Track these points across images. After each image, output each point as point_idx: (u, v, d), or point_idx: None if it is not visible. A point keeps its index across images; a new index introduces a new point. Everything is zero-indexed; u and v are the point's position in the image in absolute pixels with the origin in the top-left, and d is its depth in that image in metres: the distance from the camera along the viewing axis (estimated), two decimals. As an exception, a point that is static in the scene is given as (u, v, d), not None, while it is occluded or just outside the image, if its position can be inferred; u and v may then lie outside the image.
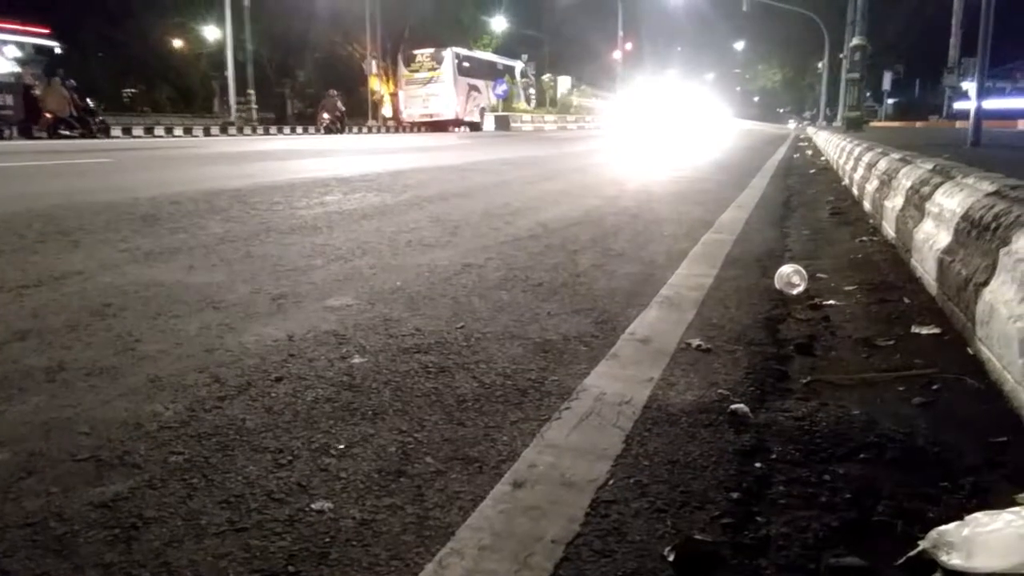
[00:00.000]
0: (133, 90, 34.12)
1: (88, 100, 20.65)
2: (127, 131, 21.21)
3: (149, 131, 22.04)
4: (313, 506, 1.32)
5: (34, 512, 1.30)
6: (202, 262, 3.44)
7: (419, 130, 33.18)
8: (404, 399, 1.83)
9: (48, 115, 19.68)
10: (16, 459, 1.49)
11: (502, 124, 36.41)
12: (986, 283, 2.01)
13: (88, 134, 19.78)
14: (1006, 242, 1.97)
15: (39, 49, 21.38)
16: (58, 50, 21.93)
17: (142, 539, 1.23)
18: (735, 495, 1.37)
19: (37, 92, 19.62)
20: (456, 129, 34.23)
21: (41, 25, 21.91)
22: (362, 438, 1.61)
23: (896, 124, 37.38)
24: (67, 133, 19.46)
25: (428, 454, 1.53)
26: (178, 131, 23.11)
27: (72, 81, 20.32)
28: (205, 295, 2.82)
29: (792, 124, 67.58)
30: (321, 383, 1.93)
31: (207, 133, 23.50)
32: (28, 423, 1.66)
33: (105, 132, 20.71)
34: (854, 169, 6.72)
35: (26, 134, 18.22)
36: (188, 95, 35.80)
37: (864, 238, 4.32)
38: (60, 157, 10.92)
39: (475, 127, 35.41)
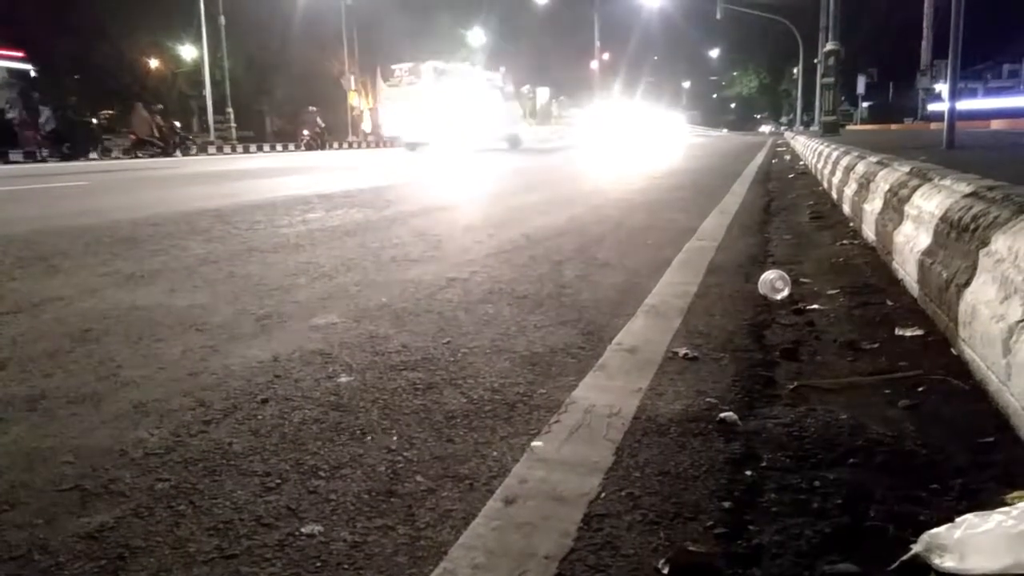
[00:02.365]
0: (110, 111, 33.93)
1: (175, 122, 24.82)
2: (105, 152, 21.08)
3: (127, 152, 21.91)
4: (303, 530, 1.31)
5: (18, 545, 1.27)
6: (184, 284, 3.41)
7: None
8: (392, 417, 1.82)
9: (132, 136, 22.67)
10: (-2, 491, 1.46)
11: None
12: (967, 284, 2.03)
13: (167, 152, 22.36)
14: (985, 243, 1.99)
15: (13, 73, 21.27)
16: (33, 73, 21.84)
17: (129, 569, 1.20)
18: (727, 504, 1.36)
19: (11, 116, 19.61)
20: (436, 142, 34.21)
21: (15, 48, 21.77)
22: (351, 458, 1.59)
23: (872, 127, 37.82)
24: (147, 152, 22.03)
25: (418, 472, 1.52)
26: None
27: (159, 105, 23.99)
28: (188, 317, 2.79)
29: (766, 129, 67.70)
30: (308, 404, 1.91)
31: (186, 153, 23.36)
32: (10, 454, 1.64)
33: (184, 150, 23.72)
34: (832, 173, 6.78)
35: (1, 158, 18.17)
36: (165, 115, 35.62)
37: (845, 241, 4.35)
38: (38, 181, 10.82)
39: (455, 140, 35.44)
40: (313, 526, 1.32)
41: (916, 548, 1.15)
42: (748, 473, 1.49)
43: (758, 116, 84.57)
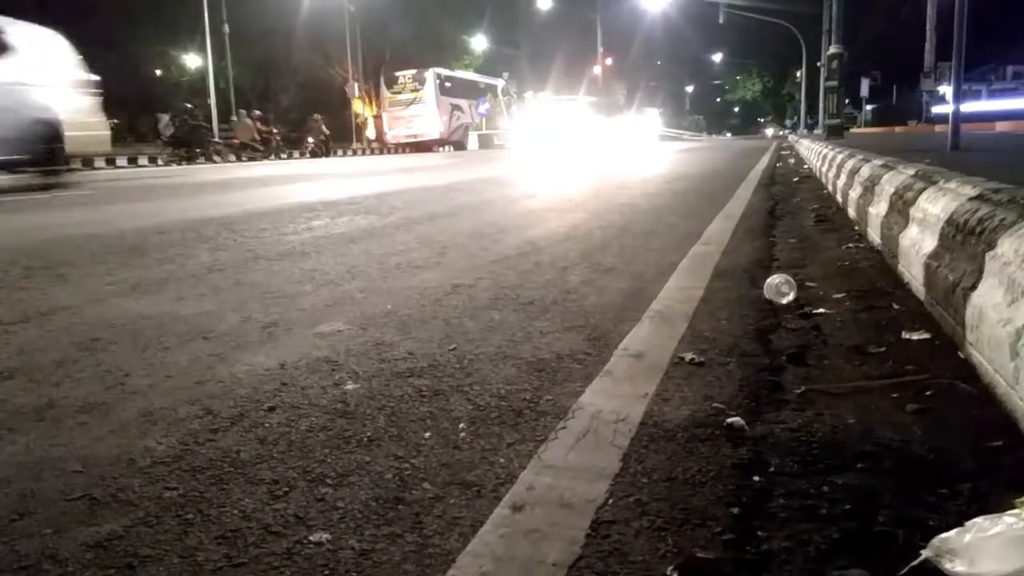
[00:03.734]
0: (115, 121, 34.12)
1: (272, 128, 27.12)
2: (110, 162, 21.15)
3: (133, 161, 22.02)
4: (311, 538, 1.31)
5: (28, 555, 1.28)
6: (190, 292, 3.42)
7: (403, 151, 33.27)
8: (399, 424, 1.82)
9: (236, 141, 25.63)
10: (8, 501, 1.47)
11: (486, 142, 36.55)
12: (974, 287, 2.02)
13: (267, 155, 25.25)
14: (992, 246, 1.98)
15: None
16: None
17: (138, 579, 1.21)
18: (735, 510, 1.36)
19: None
20: (440, 149, 34.34)
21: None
22: (358, 466, 1.59)
23: (876, 130, 37.77)
24: (249, 155, 24.95)
25: (425, 480, 1.52)
26: (161, 160, 23.05)
27: (257, 112, 26.91)
28: (194, 326, 2.80)
29: (769, 132, 67.58)
30: (315, 411, 1.91)
31: (191, 161, 23.46)
32: (19, 463, 1.64)
33: (289, 152, 26.90)
34: (837, 176, 6.78)
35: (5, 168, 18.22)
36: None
37: (850, 245, 4.34)
38: (41, 192, 10.86)
39: (459, 146, 35.54)
40: (321, 534, 1.32)
41: (926, 553, 1.15)
42: (756, 479, 1.49)
43: (762, 120, 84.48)
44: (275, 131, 27.25)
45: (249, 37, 31.38)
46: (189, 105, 25.90)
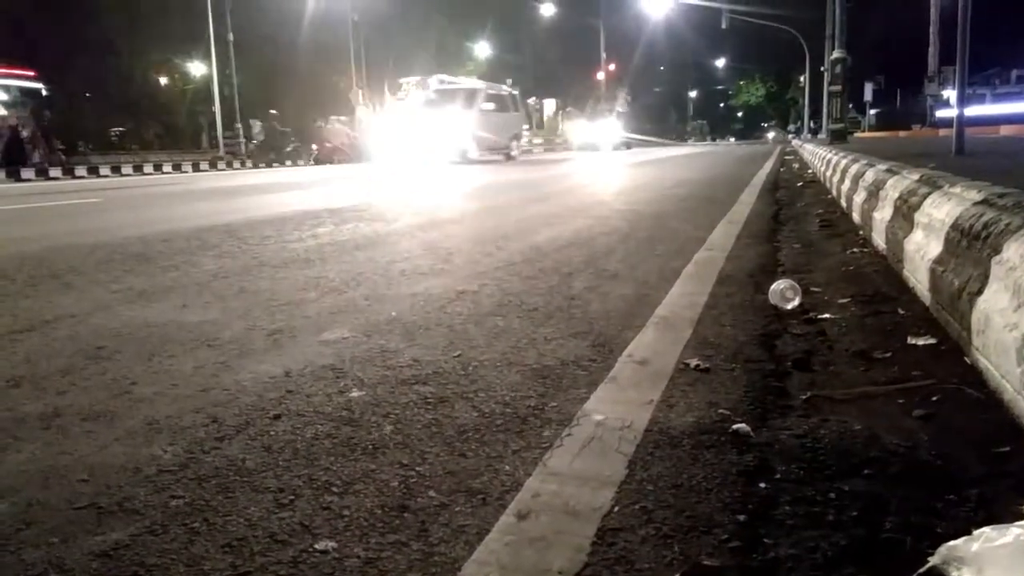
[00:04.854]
0: (120, 129, 34.28)
1: (355, 133, 28.33)
2: (116, 169, 21.27)
3: (138, 169, 22.14)
4: (317, 546, 1.31)
5: (34, 564, 1.28)
6: (195, 300, 3.43)
7: (407, 157, 33.27)
8: (404, 432, 1.82)
9: (328, 145, 27.58)
10: (14, 510, 1.47)
11: (327, 156, 36.27)
12: (980, 292, 2.02)
13: (355, 160, 26.49)
14: (997, 250, 1.98)
15: (25, 92, 21.57)
16: (44, 92, 22.14)
17: (145, 588, 1.21)
18: (741, 517, 1.36)
19: (25, 134, 19.90)
20: (444, 155, 34.32)
21: (27, 68, 22.07)
22: (363, 474, 1.59)
23: (880, 134, 37.70)
24: (340, 159, 26.64)
25: (431, 487, 1.52)
26: (167, 167, 23.14)
27: (343, 116, 28.36)
28: (199, 333, 2.81)
29: (771, 136, 67.49)
30: (320, 419, 1.92)
31: (196, 168, 23.55)
32: (25, 472, 1.65)
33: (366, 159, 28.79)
34: (841, 181, 6.77)
35: (13, 176, 18.29)
36: (175, 131, 36.02)
37: (855, 250, 4.33)
38: (48, 199, 10.92)
39: (463, 152, 35.49)
40: (327, 542, 1.32)
41: (933, 560, 1.14)
42: (762, 485, 1.48)
43: (765, 125, 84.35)
44: (356, 136, 28.39)
45: (253, 45, 31.52)
46: (273, 112, 27.71)
